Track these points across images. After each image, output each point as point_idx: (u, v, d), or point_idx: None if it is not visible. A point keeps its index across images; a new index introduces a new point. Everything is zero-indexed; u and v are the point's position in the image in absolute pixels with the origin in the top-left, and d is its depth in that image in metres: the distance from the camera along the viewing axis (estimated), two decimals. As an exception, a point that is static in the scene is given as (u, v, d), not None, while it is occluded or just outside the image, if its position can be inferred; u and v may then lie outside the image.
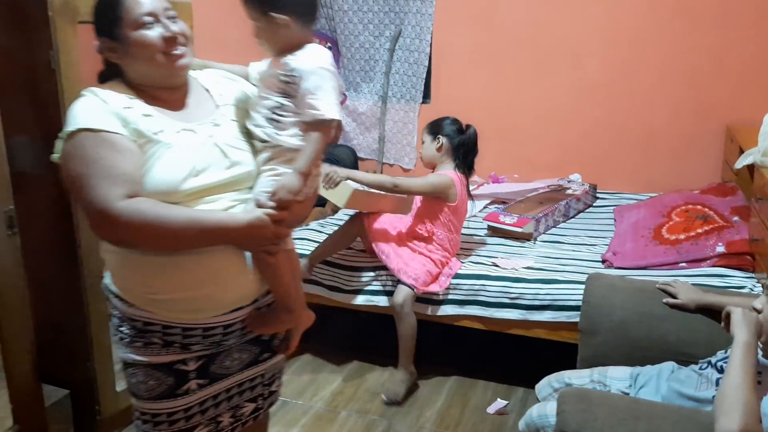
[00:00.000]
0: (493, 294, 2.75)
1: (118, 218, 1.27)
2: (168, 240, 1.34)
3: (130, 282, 1.44)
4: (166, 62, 1.40)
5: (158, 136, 1.38)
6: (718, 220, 2.95)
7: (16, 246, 1.94)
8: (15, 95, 2.07)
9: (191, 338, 1.46)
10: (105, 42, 1.41)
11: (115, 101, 1.37)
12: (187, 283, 1.41)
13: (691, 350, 1.96)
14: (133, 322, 1.45)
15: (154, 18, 1.39)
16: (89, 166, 1.30)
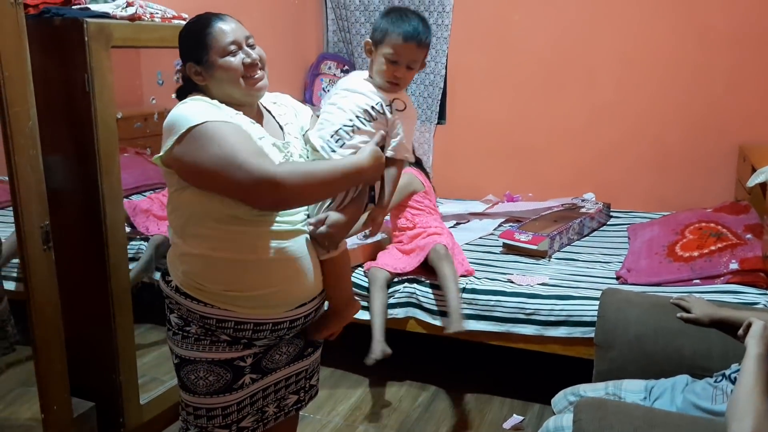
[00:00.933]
0: (508, 310, 2.79)
1: (283, 181, 1.44)
2: (321, 189, 1.54)
3: (213, 282, 1.56)
4: (246, 85, 1.58)
5: (262, 141, 1.55)
6: (731, 237, 2.98)
7: (50, 260, 2.01)
8: (51, 116, 2.16)
9: (260, 333, 1.61)
10: (192, 67, 1.58)
11: (224, 107, 1.56)
12: (265, 281, 1.56)
13: (706, 364, 1.99)
14: (204, 320, 1.58)
15: (237, 46, 1.56)
16: (231, 146, 1.44)
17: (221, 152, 1.44)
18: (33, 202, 1.94)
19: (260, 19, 3.88)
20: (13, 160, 1.88)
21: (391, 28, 1.62)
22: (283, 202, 1.52)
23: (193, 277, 1.58)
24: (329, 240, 1.65)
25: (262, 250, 1.55)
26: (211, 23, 1.57)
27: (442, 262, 2.82)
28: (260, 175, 1.43)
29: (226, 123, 1.48)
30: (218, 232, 1.53)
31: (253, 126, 1.57)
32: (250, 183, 1.44)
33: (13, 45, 1.84)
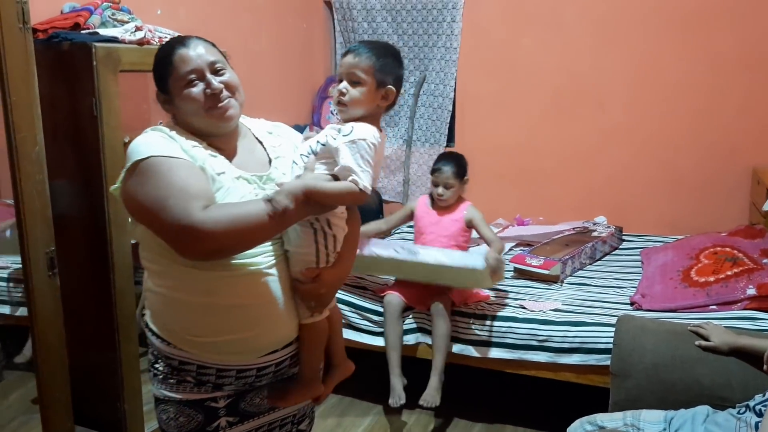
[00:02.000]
0: (520, 336, 2.74)
1: (202, 228, 1.27)
2: (256, 234, 1.36)
3: (171, 322, 1.46)
4: (209, 116, 1.45)
5: (220, 177, 1.42)
6: (747, 262, 2.92)
7: (55, 286, 1.99)
8: (58, 140, 2.15)
9: (224, 379, 1.48)
10: (159, 96, 1.50)
11: (182, 139, 1.43)
12: (227, 327, 1.43)
13: (726, 394, 1.93)
14: (169, 360, 1.47)
15: (198, 75, 1.43)
16: (165, 187, 1.31)
17: (155, 192, 1.32)
18: (38, 227, 1.92)
19: (269, 42, 3.89)
20: (19, 185, 1.87)
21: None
22: (208, 253, 1.34)
23: (157, 314, 1.49)
24: (318, 301, 1.52)
25: (218, 294, 1.41)
26: (173, 51, 1.45)
27: (439, 319, 2.75)
28: (182, 223, 1.27)
29: (171, 158, 1.35)
30: (173, 271, 1.41)
31: (214, 159, 1.44)
32: (172, 231, 1.30)
33: (20, 70, 1.84)
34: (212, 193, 1.37)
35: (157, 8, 2.93)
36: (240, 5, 3.63)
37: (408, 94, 4.46)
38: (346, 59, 1.50)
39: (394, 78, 1.51)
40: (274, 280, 1.47)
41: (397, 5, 4.34)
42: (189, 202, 1.29)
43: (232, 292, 1.42)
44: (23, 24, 1.82)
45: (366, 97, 1.48)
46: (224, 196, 1.40)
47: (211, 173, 1.41)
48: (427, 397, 2.70)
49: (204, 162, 1.41)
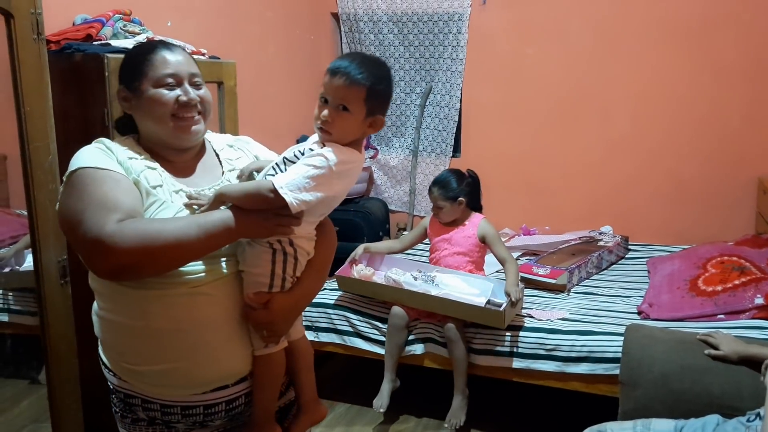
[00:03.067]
0: (528, 345, 2.74)
1: (110, 241, 1.17)
2: (171, 252, 1.22)
3: (111, 349, 1.37)
4: (174, 125, 1.37)
5: (156, 190, 1.33)
6: (755, 271, 2.92)
7: (67, 295, 2.00)
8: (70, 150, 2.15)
9: (171, 416, 1.36)
10: (122, 91, 1.40)
11: (120, 151, 1.35)
12: (162, 354, 1.31)
13: (736, 403, 1.93)
14: (117, 393, 1.39)
15: (176, 81, 1.38)
16: (85, 200, 1.23)
17: (75, 205, 1.23)
18: (51, 236, 1.93)
19: (276, 53, 3.92)
20: (32, 194, 1.88)
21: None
22: (119, 270, 1.21)
23: (102, 341, 1.39)
24: (270, 330, 1.36)
25: (151, 317, 1.29)
26: (155, 50, 1.39)
27: (453, 345, 2.76)
28: (92, 235, 1.18)
29: (99, 170, 1.27)
30: (108, 289, 1.32)
31: (151, 172, 1.34)
32: (83, 243, 1.21)
33: (35, 80, 1.85)
34: (136, 207, 1.27)
35: (167, 20, 2.96)
36: (248, 17, 3.66)
37: (414, 104, 4.48)
38: (336, 80, 1.33)
39: (385, 105, 1.38)
40: (216, 303, 1.33)
41: (404, 17, 4.38)
42: (105, 215, 1.20)
43: (165, 314, 1.30)
44: (38, 35, 1.84)
45: (353, 127, 1.36)
46: (159, 209, 1.31)
47: (146, 186, 1.32)
48: (452, 418, 2.77)
49: (139, 174, 1.33)
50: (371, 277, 2.96)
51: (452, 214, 3.03)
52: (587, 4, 3.98)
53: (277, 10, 3.95)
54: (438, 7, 4.28)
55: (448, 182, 3.02)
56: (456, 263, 3.02)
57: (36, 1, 1.85)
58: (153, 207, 1.31)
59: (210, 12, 3.35)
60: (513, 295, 2.69)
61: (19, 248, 2.28)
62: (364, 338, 2.97)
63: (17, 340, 2.43)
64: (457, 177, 3.04)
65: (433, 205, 3.06)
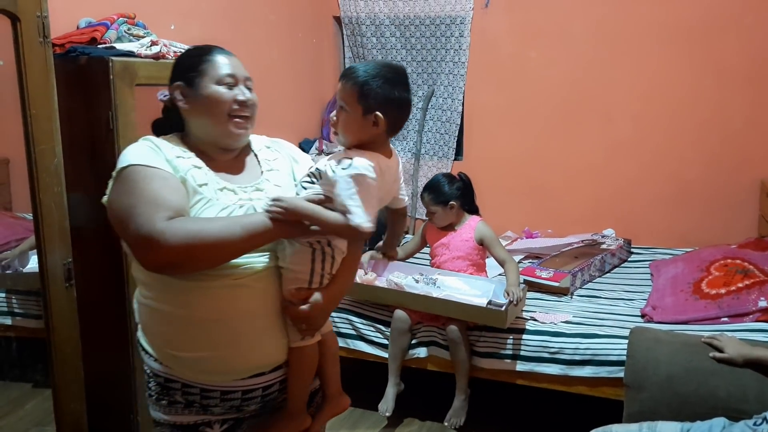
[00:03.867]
0: (532, 348, 2.74)
1: (161, 238, 1.23)
2: (216, 251, 1.30)
3: (155, 336, 1.44)
4: (230, 123, 1.45)
5: (202, 188, 1.40)
6: (758, 274, 2.92)
7: (72, 298, 2.00)
8: (75, 153, 2.17)
9: (209, 400, 1.42)
10: (179, 87, 1.46)
11: (168, 149, 1.42)
12: (204, 342, 1.38)
13: (742, 406, 1.93)
14: (157, 378, 1.44)
15: (235, 81, 1.46)
16: (136, 196, 1.30)
17: (127, 200, 1.31)
18: (56, 239, 1.94)
19: (279, 57, 3.93)
20: (37, 197, 1.89)
21: None
22: (167, 265, 1.29)
23: (145, 327, 1.46)
24: (308, 324, 1.44)
25: (195, 307, 1.36)
26: (213, 52, 1.48)
27: (455, 347, 2.77)
28: (143, 231, 1.25)
29: (149, 168, 1.34)
30: (154, 280, 1.38)
31: (197, 171, 1.41)
32: (134, 239, 1.27)
33: (41, 83, 1.86)
34: (184, 205, 1.34)
35: (170, 23, 2.97)
36: (251, 20, 3.67)
37: (416, 107, 4.48)
38: (338, 84, 1.47)
39: (383, 102, 1.43)
40: (256, 296, 1.41)
41: (406, 20, 4.38)
42: (155, 212, 1.26)
43: (209, 305, 1.37)
44: (44, 38, 1.85)
45: (352, 124, 1.45)
46: (204, 206, 1.38)
47: (193, 185, 1.39)
48: (452, 417, 2.79)
49: (186, 173, 1.39)
50: (373, 282, 2.97)
51: (445, 218, 3.02)
52: (589, 7, 3.98)
53: (279, 14, 3.95)
54: (440, 11, 4.29)
55: (438, 186, 3.02)
56: (456, 268, 3.02)
57: (42, 4, 1.86)
58: (198, 204, 1.38)
59: (213, 15, 3.35)
60: (514, 295, 2.68)
61: (23, 250, 2.28)
62: (367, 341, 2.97)
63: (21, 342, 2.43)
64: (448, 180, 3.04)
65: (427, 211, 3.06)
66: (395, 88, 1.45)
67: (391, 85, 1.44)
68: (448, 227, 3.06)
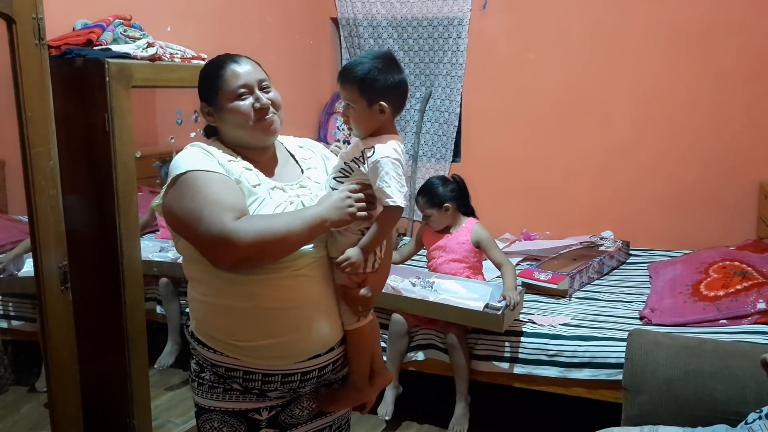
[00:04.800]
0: (530, 351, 2.73)
1: (235, 237, 1.35)
2: (283, 244, 1.42)
3: (215, 329, 1.52)
4: (255, 128, 1.53)
5: (256, 188, 1.50)
6: (757, 276, 2.92)
7: (68, 301, 1.99)
8: (71, 156, 2.16)
9: (270, 384, 1.52)
10: (204, 107, 1.58)
11: (219, 154, 1.52)
12: (269, 331, 1.48)
13: (740, 409, 1.91)
14: (215, 368, 1.53)
15: (248, 90, 1.53)
16: (201, 200, 1.40)
17: (191, 204, 1.41)
18: (52, 242, 1.92)
19: (277, 58, 3.91)
20: (33, 199, 1.87)
21: None
22: (241, 261, 1.41)
23: (202, 323, 1.55)
24: (364, 305, 1.58)
25: (260, 298, 1.47)
26: (225, 65, 1.55)
27: (455, 352, 2.76)
28: (216, 232, 1.36)
29: (208, 173, 1.45)
30: (214, 278, 1.48)
31: (249, 172, 1.52)
32: (206, 239, 1.39)
33: (36, 85, 1.85)
34: (245, 205, 1.45)
35: (167, 25, 2.96)
36: (248, 22, 3.66)
37: (414, 109, 4.48)
38: (339, 85, 1.57)
39: (383, 91, 1.53)
40: (314, 283, 1.53)
41: (403, 22, 4.38)
42: (222, 214, 1.37)
43: (272, 295, 1.47)
44: (39, 40, 1.84)
45: (361, 117, 1.55)
46: (260, 205, 1.48)
47: (247, 186, 1.49)
48: (455, 425, 2.78)
49: (240, 175, 1.49)
50: None
51: (441, 221, 3.01)
52: (588, 9, 3.98)
53: (276, 15, 3.95)
54: (438, 12, 4.28)
55: (432, 189, 3.01)
56: (453, 270, 3.01)
57: (37, 6, 1.84)
58: (255, 203, 1.48)
59: (210, 17, 3.34)
60: (511, 299, 2.67)
61: (17, 253, 2.27)
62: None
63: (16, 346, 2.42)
64: (442, 183, 3.03)
65: (423, 215, 3.04)
66: (389, 73, 1.54)
67: (385, 72, 1.54)
68: (444, 230, 3.05)
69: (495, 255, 2.95)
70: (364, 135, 1.58)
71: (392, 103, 1.56)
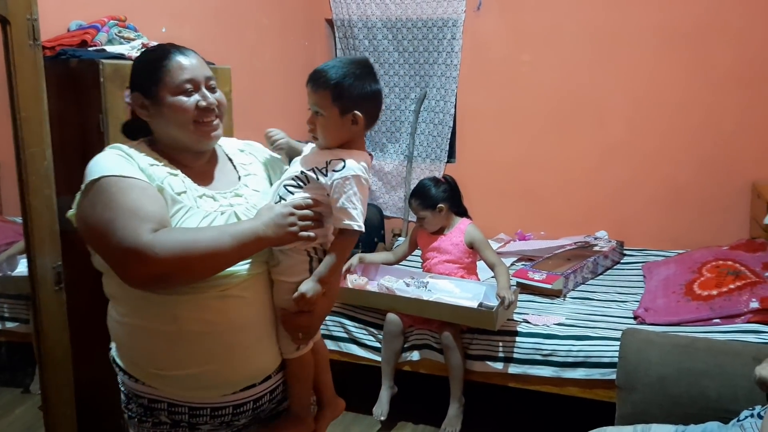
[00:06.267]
0: (525, 351, 2.74)
1: (150, 251, 1.18)
2: (207, 262, 1.26)
3: (136, 355, 1.37)
4: (195, 130, 1.38)
5: (181, 196, 1.34)
6: (750, 275, 2.93)
7: (62, 301, 1.99)
8: (65, 156, 2.15)
9: (198, 418, 1.37)
10: (138, 98, 1.39)
11: (140, 158, 1.34)
12: (194, 358, 1.33)
13: (733, 407, 1.93)
14: (139, 399, 1.38)
15: (194, 86, 1.38)
16: (115, 209, 1.23)
17: (103, 214, 1.23)
18: (46, 242, 1.92)
19: (272, 59, 3.92)
20: (27, 200, 1.87)
21: None
22: (156, 280, 1.22)
23: (123, 346, 1.40)
24: (305, 332, 1.42)
25: (183, 321, 1.30)
26: (170, 55, 1.37)
27: (450, 352, 2.77)
28: (128, 245, 1.18)
29: (125, 178, 1.26)
30: (133, 296, 1.30)
31: (174, 178, 1.35)
32: (117, 253, 1.21)
33: (31, 86, 1.85)
34: (165, 216, 1.28)
35: (162, 26, 2.96)
36: (243, 23, 3.66)
37: (409, 110, 4.49)
38: (308, 89, 1.44)
39: (358, 100, 1.41)
40: (246, 305, 1.36)
41: (398, 23, 4.39)
42: (137, 225, 1.21)
43: (197, 318, 1.31)
44: (33, 40, 1.84)
45: (331, 126, 1.42)
46: (184, 215, 1.32)
47: (171, 193, 1.33)
48: (447, 426, 2.78)
49: (162, 181, 1.33)
50: (365, 286, 2.96)
51: (436, 222, 3.02)
52: (582, 10, 3.99)
53: (272, 16, 3.95)
54: (432, 13, 4.30)
55: (424, 191, 3.01)
56: (447, 271, 3.02)
57: (32, 7, 1.85)
58: (179, 213, 1.32)
59: (205, 18, 3.34)
60: (506, 298, 2.68)
61: (11, 254, 2.26)
62: (359, 345, 2.97)
63: (10, 347, 2.42)
64: (434, 184, 3.03)
65: (417, 217, 3.05)
66: (366, 82, 1.42)
67: (361, 80, 1.42)
68: (438, 230, 3.06)
69: (488, 256, 2.95)
70: (329, 146, 1.44)
71: (366, 114, 1.42)
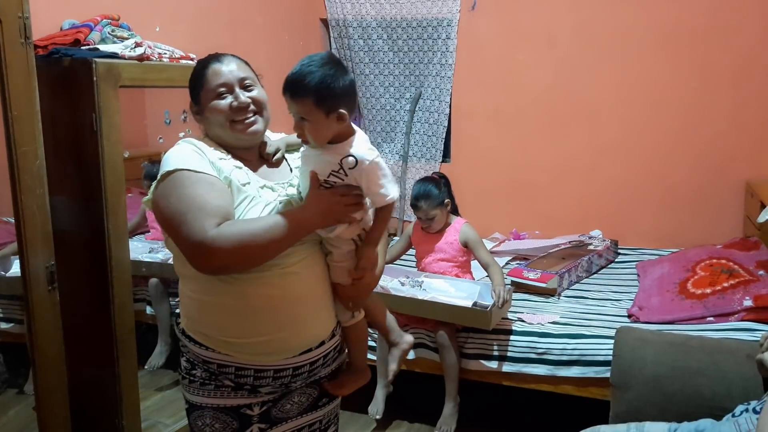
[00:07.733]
0: (519, 349, 2.74)
1: (212, 245, 1.34)
2: (265, 250, 1.42)
3: (206, 326, 1.52)
4: (232, 128, 1.53)
5: (245, 187, 1.49)
6: (743, 274, 2.94)
7: (55, 301, 1.98)
8: (58, 156, 2.15)
9: (262, 379, 1.53)
10: (192, 106, 1.60)
11: (210, 152, 1.51)
12: (260, 328, 1.49)
13: (727, 404, 1.93)
14: (207, 364, 1.53)
15: (228, 88, 1.53)
16: (186, 202, 1.39)
17: (177, 206, 1.40)
18: (39, 242, 1.91)
19: (266, 59, 3.90)
20: (19, 199, 1.86)
21: None
22: (221, 268, 1.42)
23: (193, 320, 1.55)
24: (356, 302, 1.63)
25: (250, 297, 1.47)
26: (208, 64, 1.56)
27: (445, 351, 2.77)
28: (196, 240, 1.35)
29: (196, 173, 1.43)
30: (204, 276, 1.46)
31: (239, 171, 1.51)
32: (187, 245, 1.38)
33: (22, 84, 1.84)
34: (230, 209, 1.43)
35: (155, 25, 2.95)
36: (238, 23, 3.66)
37: (404, 110, 4.49)
38: (286, 98, 1.46)
39: (339, 98, 1.44)
40: (304, 280, 1.52)
41: (393, 22, 4.39)
42: (204, 220, 1.36)
43: (262, 294, 1.47)
44: (25, 39, 1.83)
45: (319, 129, 1.46)
46: (249, 204, 1.48)
47: (237, 184, 1.48)
48: (443, 425, 2.79)
49: (230, 173, 1.48)
50: None
51: (442, 219, 3.02)
52: (575, 9, 4.00)
53: (266, 16, 3.94)
54: (427, 13, 4.30)
55: (429, 191, 3.01)
56: (441, 269, 3.02)
57: (23, 5, 1.83)
58: (244, 203, 1.47)
59: (199, 17, 3.34)
60: (500, 296, 2.68)
61: (4, 254, 2.26)
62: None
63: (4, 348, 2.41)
64: (434, 183, 3.04)
65: (423, 219, 3.03)
66: (340, 79, 1.45)
67: (336, 79, 1.44)
68: (434, 231, 3.06)
69: (482, 255, 2.96)
70: (322, 145, 1.49)
71: (348, 107, 1.47)
